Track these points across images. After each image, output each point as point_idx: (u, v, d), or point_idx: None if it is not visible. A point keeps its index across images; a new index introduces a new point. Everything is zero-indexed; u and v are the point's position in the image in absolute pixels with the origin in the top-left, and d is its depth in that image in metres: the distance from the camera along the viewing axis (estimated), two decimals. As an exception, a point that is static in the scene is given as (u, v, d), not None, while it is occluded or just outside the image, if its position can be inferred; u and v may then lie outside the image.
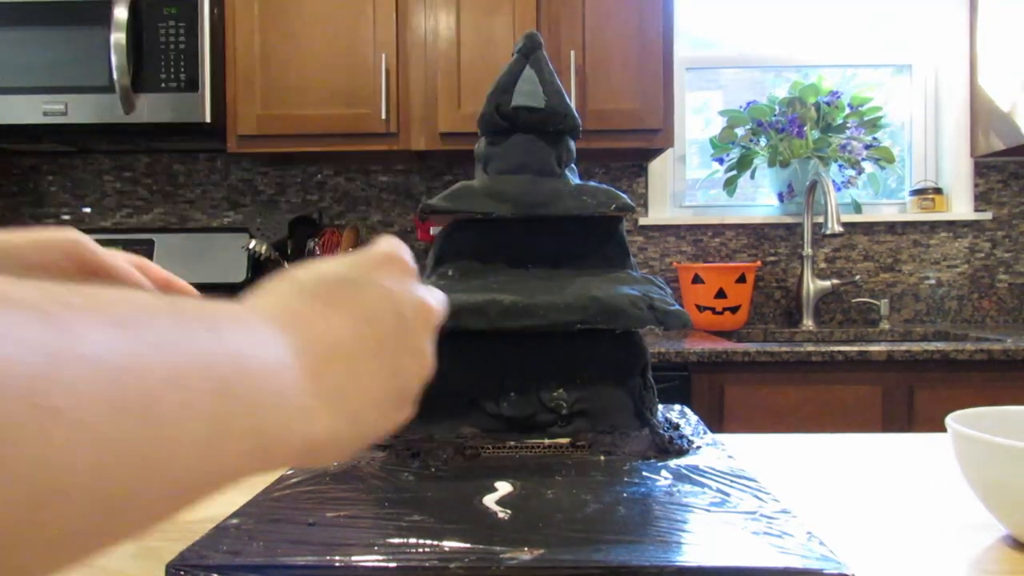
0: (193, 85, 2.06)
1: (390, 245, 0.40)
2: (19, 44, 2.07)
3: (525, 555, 0.45)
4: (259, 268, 2.42)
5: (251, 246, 2.25)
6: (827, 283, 2.37)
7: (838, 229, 2.10)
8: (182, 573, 0.45)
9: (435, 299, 0.39)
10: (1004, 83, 2.28)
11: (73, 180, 2.52)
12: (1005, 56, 2.27)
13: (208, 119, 2.08)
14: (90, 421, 0.18)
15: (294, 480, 0.62)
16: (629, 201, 0.74)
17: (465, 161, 2.40)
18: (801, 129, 2.40)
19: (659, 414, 0.76)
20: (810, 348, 1.83)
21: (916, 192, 2.48)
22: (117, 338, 0.20)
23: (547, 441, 0.69)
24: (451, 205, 0.73)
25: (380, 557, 0.46)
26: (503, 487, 0.58)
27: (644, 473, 0.63)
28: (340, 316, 0.32)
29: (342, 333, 0.32)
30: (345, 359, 0.32)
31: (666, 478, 0.61)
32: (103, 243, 0.49)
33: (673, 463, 0.66)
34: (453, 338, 0.70)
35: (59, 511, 0.18)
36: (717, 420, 1.81)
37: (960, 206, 2.46)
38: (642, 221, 2.47)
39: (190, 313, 0.24)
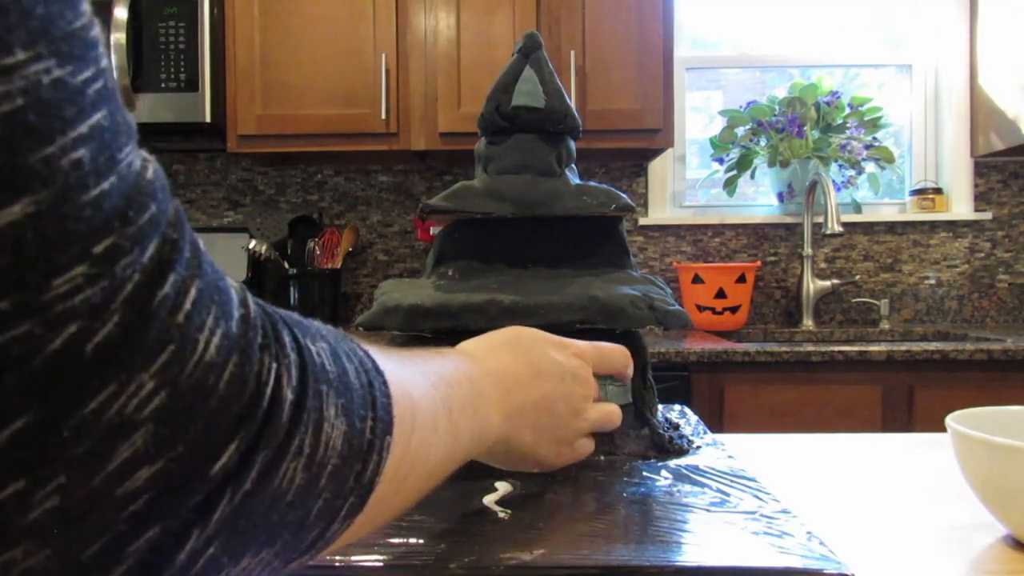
0: (193, 85, 2.06)
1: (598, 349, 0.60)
2: (19, 44, 2.07)
3: (525, 555, 0.45)
4: (259, 268, 2.42)
5: (251, 246, 2.25)
6: (827, 283, 2.37)
7: (838, 229, 2.10)
8: (182, 573, 0.45)
9: (611, 410, 0.59)
10: (1004, 83, 2.28)
11: (73, 180, 2.52)
12: (1005, 56, 2.27)
13: (208, 119, 2.08)
14: (448, 445, 0.40)
15: (294, 480, 0.62)
16: (629, 201, 0.74)
17: (465, 161, 2.40)
18: (801, 129, 2.40)
19: (659, 414, 0.76)
20: (810, 348, 1.83)
21: (916, 192, 2.48)
22: (445, 420, 0.40)
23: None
24: (451, 205, 0.73)
25: (380, 557, 0.46)
26: (503, 487, 0.58)
27: (644, 473, 0.63)
28: (523, 371, 0.51)
29: (521, 381, 0.50)
30: (520, 396, 0.50)
31: (666, 478, 0.61)
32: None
33: (673, 463, 0.66)
34: (453, 338, 0.70)
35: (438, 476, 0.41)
36: (717, 420, 1.81)
37: (960, 206, 2.46)
38: (642, 221, 2.47)
39: (465, 384, 0.44)
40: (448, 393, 0.41)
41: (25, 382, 0.19)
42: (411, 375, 0.37)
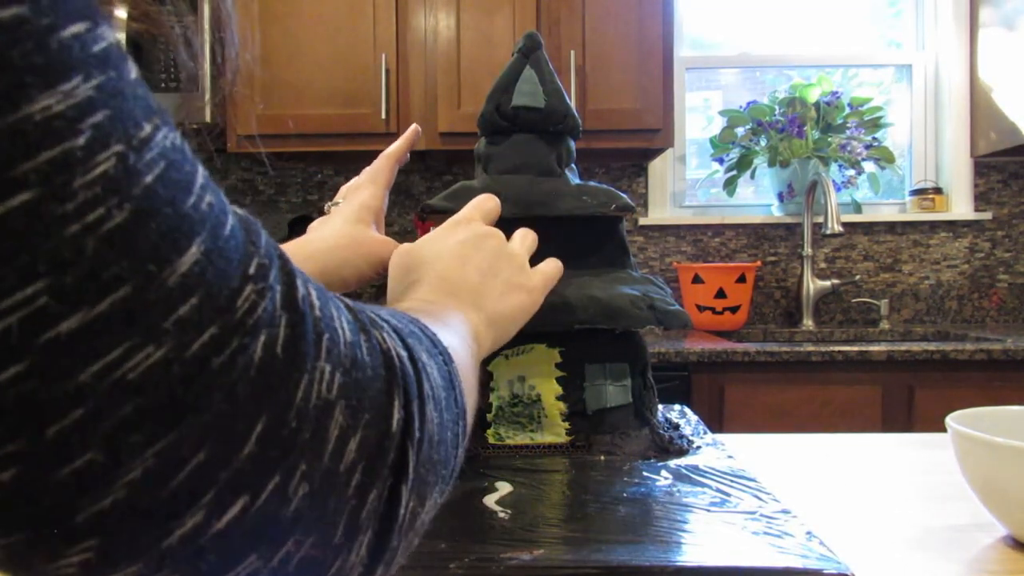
0: (193, 85, 2.06)
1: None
2: (19, 44, 2.07)
3: (525, 555, 0.45)
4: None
5: (251, 246, 2.25)
6: (827, 283, 2.37)
7: (838, 229, 2.09)
8: (182, 573, 0.45)
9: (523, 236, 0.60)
10: (1004, 83, 2.28)
11: (73, 180, 2.52)
12: (1005, 56, 2.27)
13: (208, 119, 2.07)
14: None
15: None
16: (629, 201, 0.74)
17: (465, 161, 2.40)
18: (801, 129, 2.40)
19: (659, 414, 0.76)
20: (810, 348, 1.83)
21: (916, 192, 2.48)
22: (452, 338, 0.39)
23: (547, 441, 0.69)
24: (451, 205, 0.73)
25: (380, 557, 0.46)
26: (503, 487, 0.58)
27: (644, 473, 0.63)
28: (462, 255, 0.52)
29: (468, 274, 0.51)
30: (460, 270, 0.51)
31: (666, 478, 0.61)
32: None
33: (673, 463, 0.66)
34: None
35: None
36: (717, 420, 1.81)
37: (960, 206, 2.46)
38: (642, 221, 2.47)
39: (444, 316, 0.43)
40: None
41: (252, 389, 0.22)
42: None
